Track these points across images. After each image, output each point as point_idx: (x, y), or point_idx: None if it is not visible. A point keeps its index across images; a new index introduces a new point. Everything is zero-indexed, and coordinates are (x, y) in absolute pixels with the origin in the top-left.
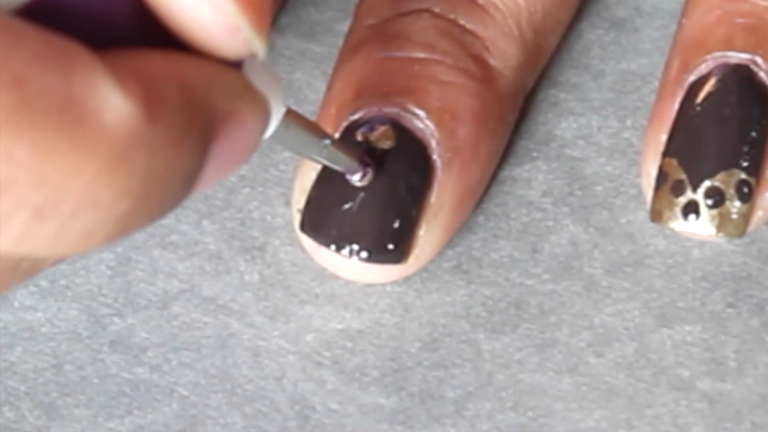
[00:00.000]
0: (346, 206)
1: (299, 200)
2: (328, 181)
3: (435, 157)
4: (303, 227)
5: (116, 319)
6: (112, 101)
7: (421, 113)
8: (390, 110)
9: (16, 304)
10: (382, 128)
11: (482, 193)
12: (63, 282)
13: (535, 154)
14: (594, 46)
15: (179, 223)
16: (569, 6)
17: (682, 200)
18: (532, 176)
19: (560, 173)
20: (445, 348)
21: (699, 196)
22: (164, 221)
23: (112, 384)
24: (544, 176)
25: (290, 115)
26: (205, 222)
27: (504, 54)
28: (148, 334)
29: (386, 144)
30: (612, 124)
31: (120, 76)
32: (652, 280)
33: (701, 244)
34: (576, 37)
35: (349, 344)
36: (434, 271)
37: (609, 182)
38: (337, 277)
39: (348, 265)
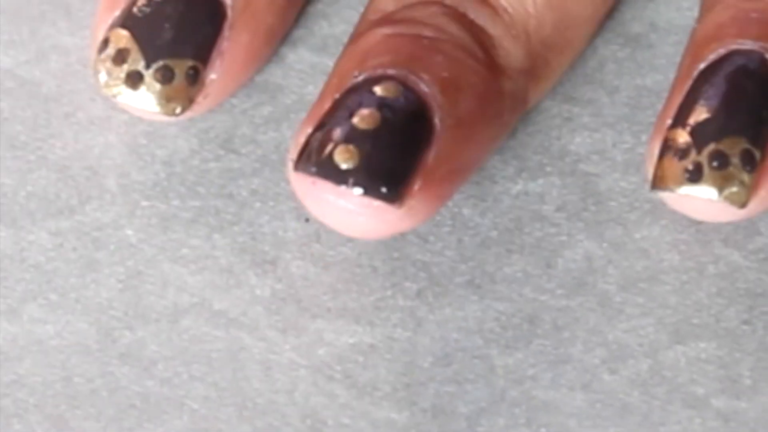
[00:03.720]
0: (346, 142)
1: (293, 153)
2: (328, 122)
3: (436, 120)
4: (297, 166)
5: (126, 332)
6: None
7: (426, 77)
8: (395, 72)
9: (25, 317)
10: (388, 82)
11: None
12: (73, 295)
13: (549, 169)
14: (608, 62)
15: (190, 237)
16: (584, 32)
17: (685, 163)
18: (545, 191)
19: (574, 188)
20: (457, 363)
21: (703, 157)
22: (174, 235)
23: (122, 397)
24: (558, 191)
25: None
26: (216, 236)
27: (509, 54)
28: (158, 347)
29: (391, 94)
30: (626, 140)
31: None
32: (667, 296)
33: (716, 259)
34: (590, 52)
35: (361, 359)
36: (446, 286)
37: (623, 198)
38: (349, 292)
39: (343, 203)
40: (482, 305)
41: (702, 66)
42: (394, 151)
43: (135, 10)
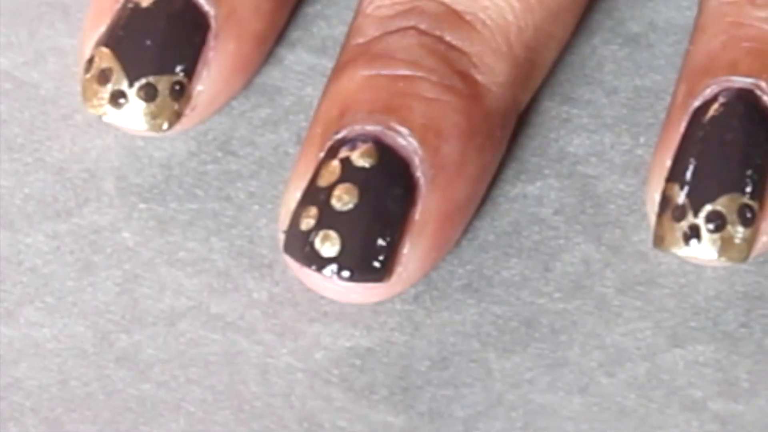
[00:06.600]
0: (326, 227)
1: (284, 222)
2: (311, 202)
3: (418, 174)
4: (286, 248)
5: (123, 336)
6: None
7: (404, 131)
8: (373, 128)
9: (21, 321)
10: (364, 146)
11: (476, 210)
12: (69, 298)
13: (546, 171)
14: (607, 62)
15: (187, 240)
16: (564, 21)
17: (683, 225)
18: (543, 194)
19: (572, 191)
20: (454, 367)
21: (700, 220)
22: (172, 238)
23: (119, 400)
24: (556, 194)
25: None
26: (213, 239)
27: (492, 70)
28: (155, 350)
29: (368, 162)
30: (625, 141)
31: None
32: (665, 299)
33: None
34: (589, 52)
35: (358, 362)
36: (444, 290)
37: (622, 200)
38: None
39: (332, 286)
40: (480, 309)
41: (696, 104)
42: (376, 225)
43: (117, 27)
